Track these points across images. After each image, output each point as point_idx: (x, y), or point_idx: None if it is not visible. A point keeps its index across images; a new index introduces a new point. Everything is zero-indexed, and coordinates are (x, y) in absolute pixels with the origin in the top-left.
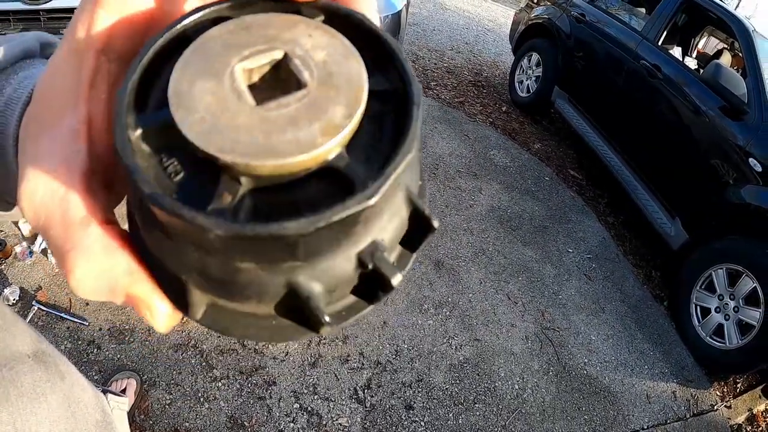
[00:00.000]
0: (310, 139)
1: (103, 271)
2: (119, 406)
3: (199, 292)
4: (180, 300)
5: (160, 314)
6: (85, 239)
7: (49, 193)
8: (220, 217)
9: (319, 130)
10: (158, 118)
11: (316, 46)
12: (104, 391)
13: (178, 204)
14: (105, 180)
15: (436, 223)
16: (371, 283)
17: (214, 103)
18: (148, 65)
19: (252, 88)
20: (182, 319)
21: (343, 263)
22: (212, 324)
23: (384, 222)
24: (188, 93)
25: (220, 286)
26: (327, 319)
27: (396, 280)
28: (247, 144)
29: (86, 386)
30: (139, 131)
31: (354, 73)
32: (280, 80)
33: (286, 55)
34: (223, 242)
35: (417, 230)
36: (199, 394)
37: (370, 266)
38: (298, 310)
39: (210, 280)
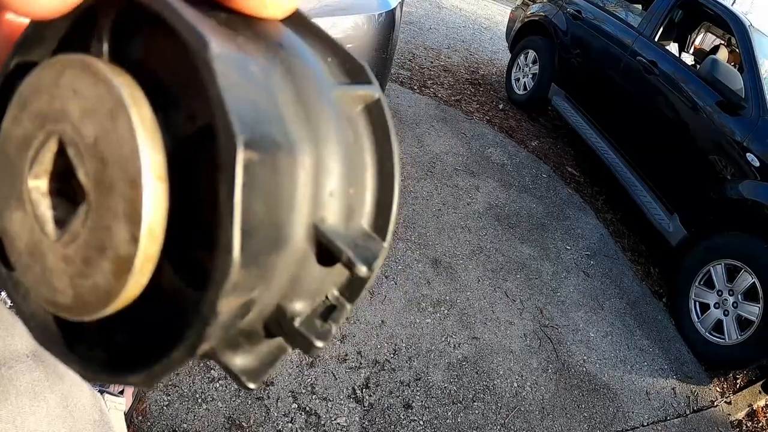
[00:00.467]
0: (107, 287)
1: None
2: (116, 406)
3: None
4: None
5: None
6: None
7: None
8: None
9: (111, 272)
10: None
11: (84, 111)
12: (101, 391)
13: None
14: None
15: (362, 270)
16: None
17: (29, 243)
18: None
19: (57, 198)
20: None
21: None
22: None
23: (273, 289)
24: (5, 230)
25: None
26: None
27: (318, 345)
28: (61, 301)
29: (84, 386)
30: None
31: (126, 150)
32: (71, 180)
33: (60, 144)
34: None
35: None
36: (197, 395)
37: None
38: None
39: None
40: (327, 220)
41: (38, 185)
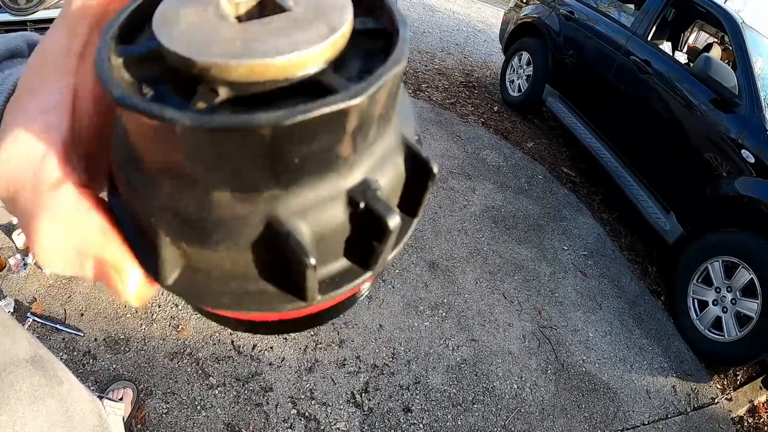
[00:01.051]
0: (290, 46)
1: (74, 229)
2: (115, 412)
3: (172, 246)
4: (151, 263)
5: (132, 281)
6: (57, 198)
7: (24, 158)
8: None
9: (301, 40)
10: (141, 48)
11: None
12: (100, 397)
13: (146, 101)
14: (86, 154)
15: (435, 168)
16: (365, 237)
17: (197, 23)
18: (137, 8)
19: (237, 19)
20: (159, 291)
21: (330, 199)
22: (184, 291)
23: (376, 160)
24: (173, 18)
25: (193, 227)
26: (312, 261)
27: (393, 221)
28: (224, 48)
29: (83, 391)
30: (121, 60)
31: (339, 3)
32: (265, 12)
33: None
34: (194, 151)
35: (416, 180)
36: (196, 402)
37: (362, 205)
38: (281, 268)
39: (182, 222)
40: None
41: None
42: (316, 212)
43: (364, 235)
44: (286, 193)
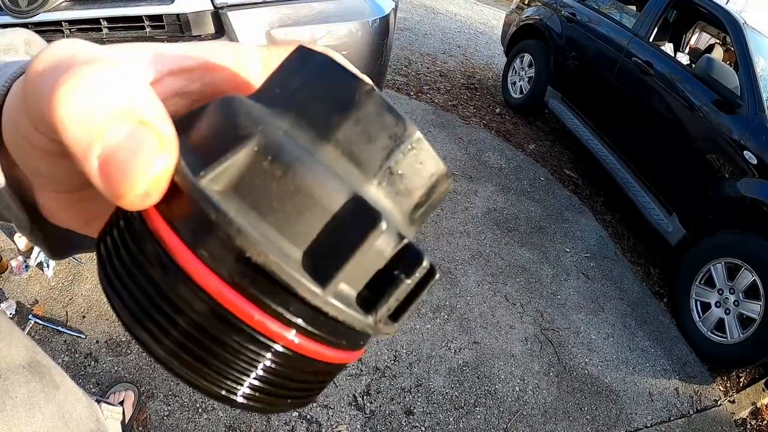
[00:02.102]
0: None
1: (118, 83)
2: (113, 416)
3: None
4: None
5: (167, 153)
6: (104, 53)
7: (83, 50)
8: None
9: None
10: None
11: None
12: (98, 401)
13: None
14: None
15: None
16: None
17: None
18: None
19: None
20: None
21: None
22: None
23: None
24: None
25: None
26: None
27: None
28: None
29: (80, 396)
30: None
31: None
32: None
33: None
34: None
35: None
36: (197, 405)
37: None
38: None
39: None
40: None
41: None
42: None
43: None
44: None
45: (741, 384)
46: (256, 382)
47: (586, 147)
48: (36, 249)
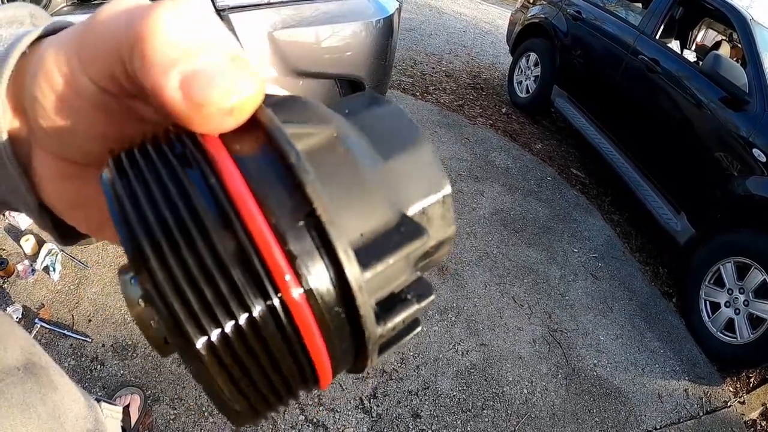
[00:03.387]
0: None
1: (204, 23)
2: (113, 416)
3: None
4: None
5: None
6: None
7: None
8: None
9: None
10: None
11: None
12: (98, 400)
13: None
14: None
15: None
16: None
17: None
18: None
19: None
20: None
21: None
22: None
23: None
24: None
25: None
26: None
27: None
28: None
29: (78, 396)
30: None
31: None
32: None
33: None
34: None
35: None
36: (203, 409)
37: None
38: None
39: None
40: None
41: None
42: None
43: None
44: None
45: (751, 385)
46: (229, 333)
47: (593, 146)
48: (42, 253)
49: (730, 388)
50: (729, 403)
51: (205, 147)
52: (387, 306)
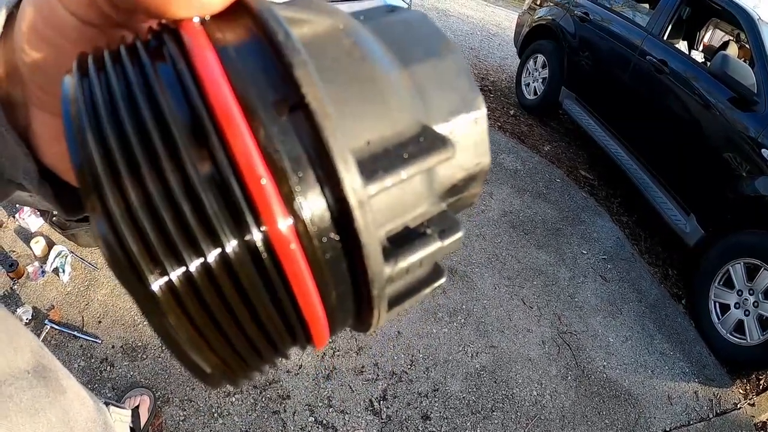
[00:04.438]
0: None
1: None
2: (122, 419)
3: None
4: None
5: None
6: None
7: None
8: None
9: None
10: None
11: None
12: (107, 404)
13: None
14: None
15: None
16: None
17: None
18: None
19: None
20: None
21: None
22: None
23: None
24: None
25: None
26: None
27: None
28: None
29: (87, 400)
30: None
31: None
32: None
33: None
34: None
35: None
36: (213, 410)
37: None
38: None
39: None
40: None
41: None
42: None
43: None
44: None
45: (761, 386)
46: (195, 273)
47: (602, 147)
48: (52, 255)
49: (740, 390)
50: (739, 405)
51: (182, 34)
52: (400, 241)
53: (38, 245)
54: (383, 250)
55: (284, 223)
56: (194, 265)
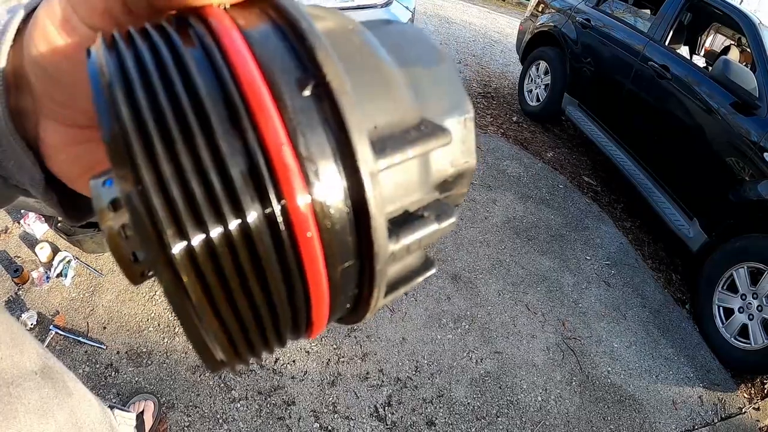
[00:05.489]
0: None
1: None
2: (126, 422)
3: None
4: None
5: None
6: None
7: None
8: None
9: None
10: None
11: None
12: (111, 407)
13: None
14: None
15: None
16: None
17: None
18: None
19: None
20: None
21: None
22: None
23: None
24: None
25: None
26: None
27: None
28: None
29: (93, 402)
30: None
31: None
32: None
33: None
34: None
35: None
36: (218, 416)
37: None
38: None
39: None
40: None
41: None
42: None
43: None
44: None
45: (766, 391)
46: (201, 248)
47: (605, 153)
48: (56, 260)
49: (745, 395)
50: (744, 410)
51: (207, 17)
52: (400, 223)
53: (43, 251)
54: (387, 229)
55: (302, 197)
56: (216, 231)
